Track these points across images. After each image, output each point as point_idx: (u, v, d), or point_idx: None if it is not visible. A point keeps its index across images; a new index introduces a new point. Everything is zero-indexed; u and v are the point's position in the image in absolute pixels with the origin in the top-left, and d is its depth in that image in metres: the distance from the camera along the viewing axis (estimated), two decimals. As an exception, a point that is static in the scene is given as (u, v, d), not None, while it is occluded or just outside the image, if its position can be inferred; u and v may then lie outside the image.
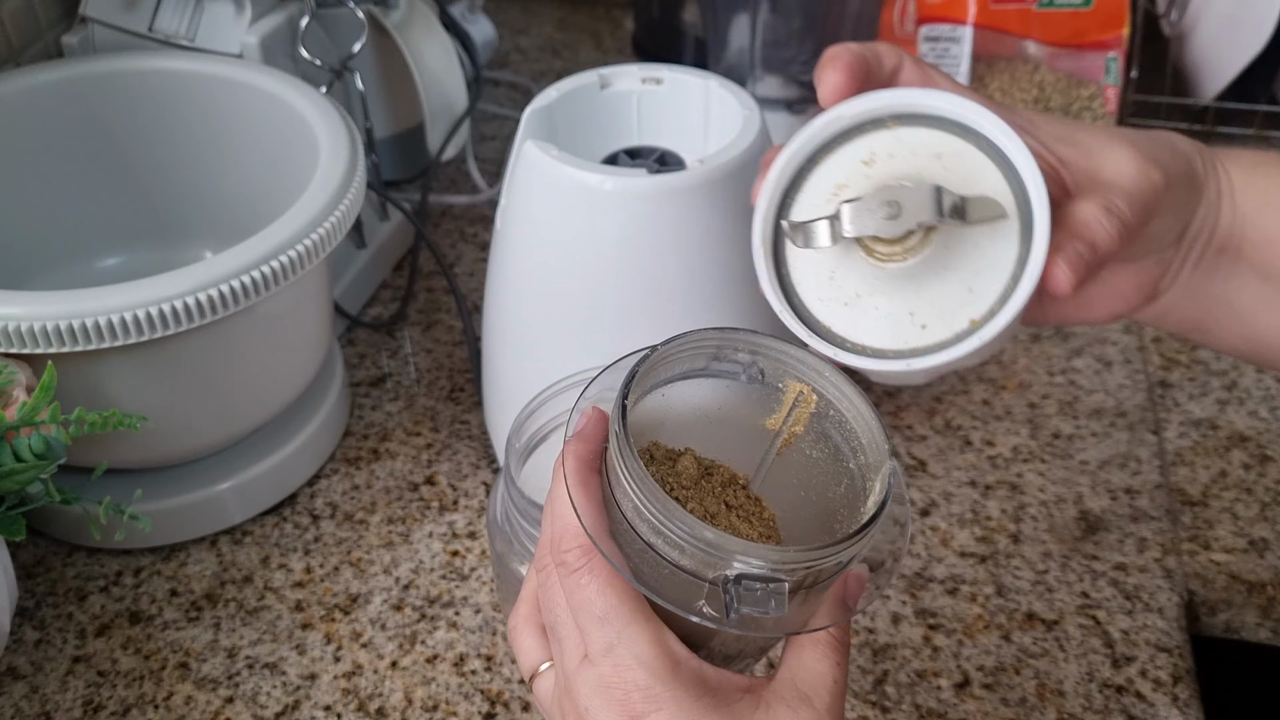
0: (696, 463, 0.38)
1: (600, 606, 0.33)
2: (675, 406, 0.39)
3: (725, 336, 0.38)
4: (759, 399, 0.38)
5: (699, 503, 0.37)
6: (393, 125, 0.83)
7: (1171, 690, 0.52)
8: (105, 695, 0.52)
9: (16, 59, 0.70)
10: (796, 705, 0.33)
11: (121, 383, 0.52)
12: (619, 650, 0.33)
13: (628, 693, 0.32)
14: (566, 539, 0.34)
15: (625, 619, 0.33)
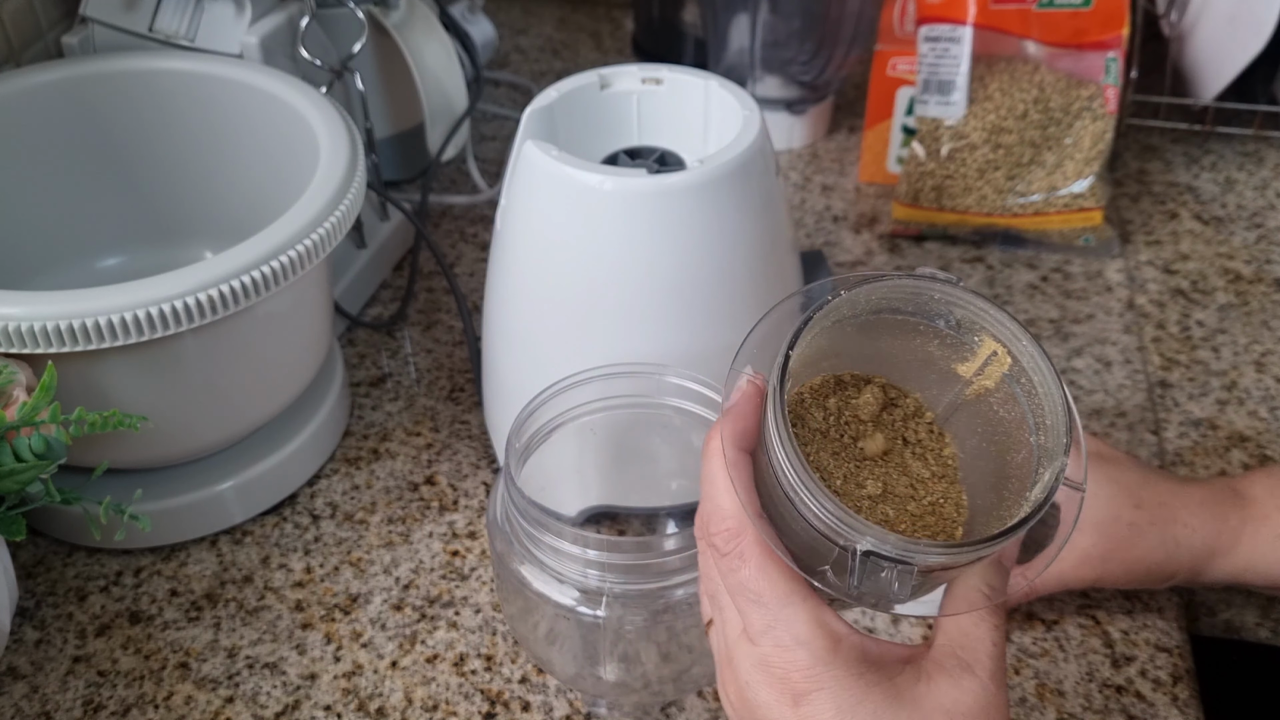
0: (882, 393, 0.38)
1: (755, 589, 0.33)
2: (853, 339, 0.37)
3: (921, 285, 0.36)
4: (950, 346, 0.37)
5: (871, 439, 0.37)
6: (393, 125, 0.83)
7: (1171, 690, 0.52)
8: (105, 695, 0.52)
9: (17, 59, 0.70)
10: (958, 675, 0.33)
11: (122, 383, 0.52)
12: (777, 631, 0.33)
13: (788, 673, 0.32)
14: (715, 521, 0.34)
15: (781, 600, 0.33)
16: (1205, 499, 0.51)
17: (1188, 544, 0.50)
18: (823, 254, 0.60)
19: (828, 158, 0.91)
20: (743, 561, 0.33)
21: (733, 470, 0.34)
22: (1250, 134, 0.89)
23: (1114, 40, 0.74)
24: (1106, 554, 0.50)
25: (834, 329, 0.37)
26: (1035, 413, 0.36)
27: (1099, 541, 0.50)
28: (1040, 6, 0.74)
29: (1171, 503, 0.51)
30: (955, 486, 0.37)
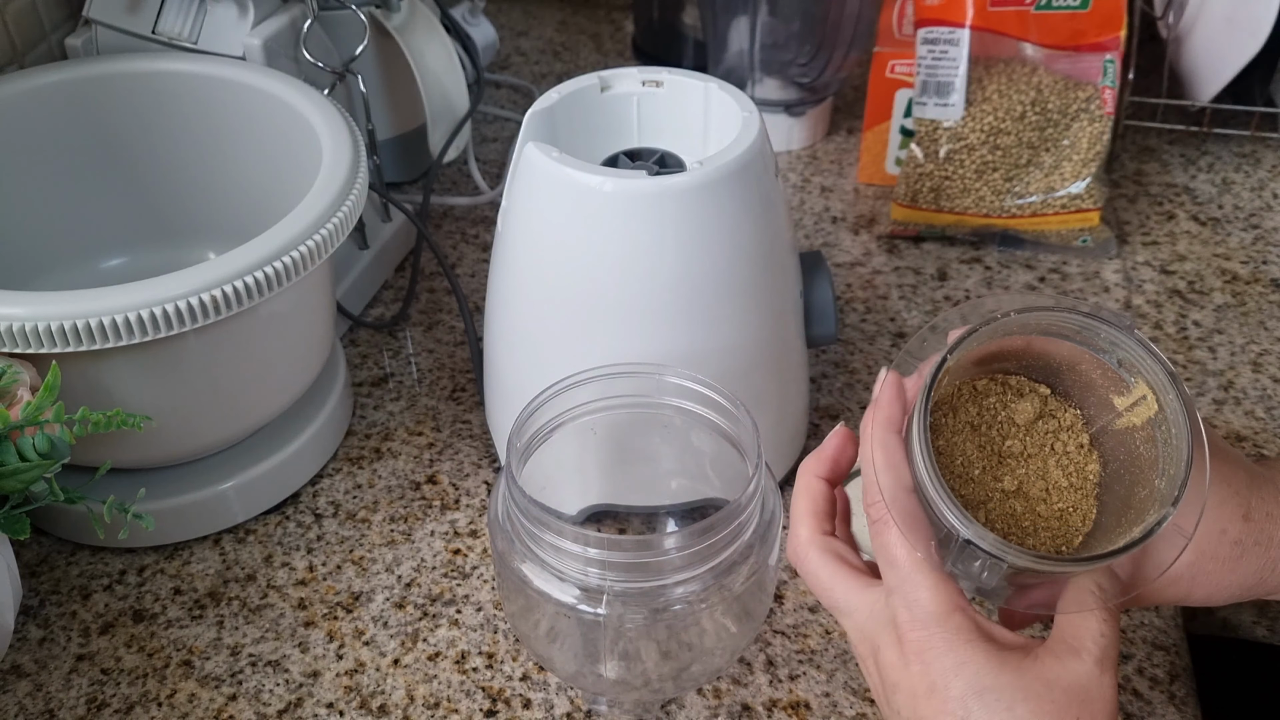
0: (1042, 403, 0.41)
1: (891, 553, 0.38)
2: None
3: (1091, 323, 0.39)
4: (1110, 378, 0.40)
5: (1017, 439, 0.41)
6: (395, 127, 0.83)
7: (1168, 688, 0.52)
8: (109, 693, 0.53)
9: (20, 61, 0.71)
10: (1064, 656, 0.36)
11: (125, 382, 0.52)
12: (901, 592, 0.38)
13: (903, 630, 0.37)
14: (870, 494, 0.39)
15: (910, 568, 0.38)
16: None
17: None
18: (821, 255, 0.60)
19: (826, 159, 0.91)
20: (885, 527, 0.38)
21: (879, 450, 0.39)
22: (1247, 135, 0.90)
23: (1111, 42, 0.75)
24: (1200, 574, 0.43)
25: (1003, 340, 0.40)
26: (1165, 459, 0.38)
27: (1196, 560, 0.42)
28: (1038, 9, 0.74)
29: (1276, 513, 0.43)
30: (1088, 501, 0.40)
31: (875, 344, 0.72)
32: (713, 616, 0.47)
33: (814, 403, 0.67)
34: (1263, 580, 0.43)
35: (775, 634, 0.54)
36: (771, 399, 0.58)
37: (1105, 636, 0.36)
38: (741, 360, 0.55)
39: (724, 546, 0.44)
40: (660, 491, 0.58)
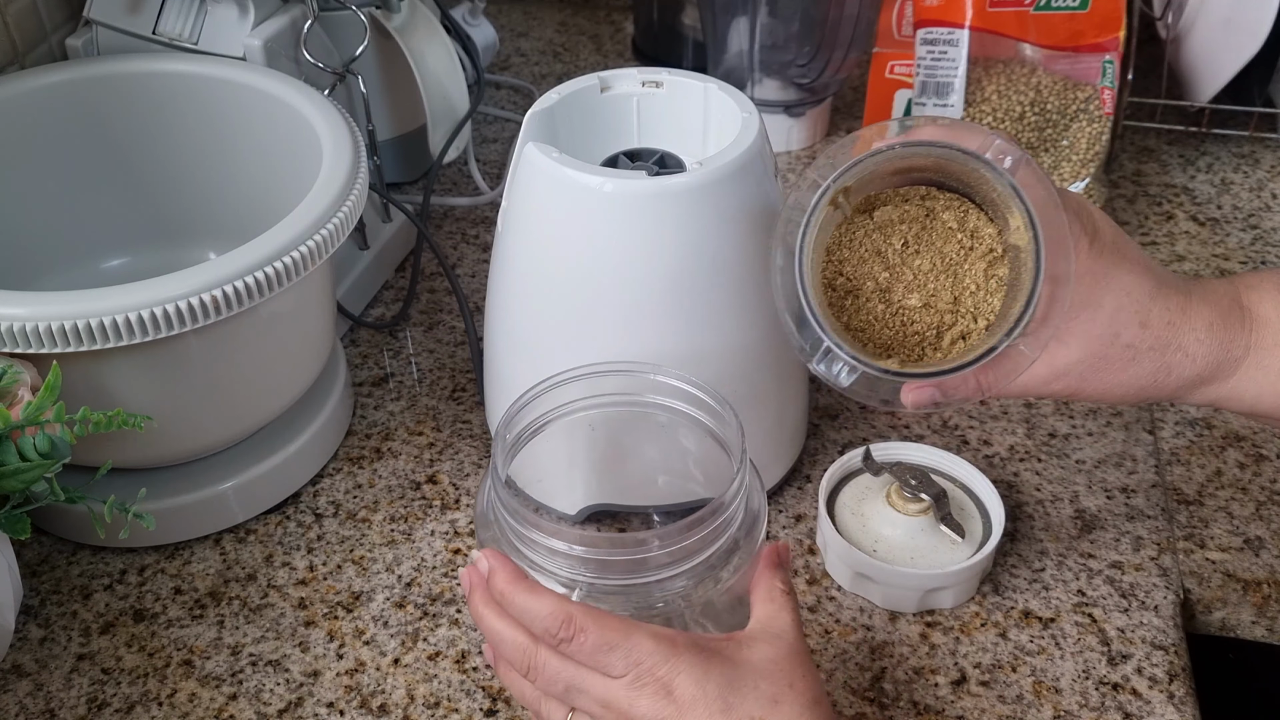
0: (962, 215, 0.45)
1: (604, 640, 0.40)
2: None
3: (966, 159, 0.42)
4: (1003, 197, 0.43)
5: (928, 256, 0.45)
6: (395, 127, 0.83)
7: (1167, 688, 0.52)
8: (109, 693, 0.53)
9: (21, 61, 0.71)
10: (773, 640, 0.42)
11: (126, 382, 0.52)
12: (634, 653, 0.40)
13: (654, 674, 0.40)
14: (545, 625, 0.41)
15: (624, 632, 0.40)
16: (1214, 321, 0.45)
17: (1180, 372, 0.46)
18: (821, 255, 0.60)
19: (826, 160, 0.91)
20: (583, 631, 0.41)
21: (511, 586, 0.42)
22: (1246, 135, 0.90)
23: (1110, 43, 0.75)
24: (1089, 373, 0.45)
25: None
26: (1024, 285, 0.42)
27: (1085, 359, 0.45)
28: (1037, 9, 0.74)
29: (1179, 323, 0.45)
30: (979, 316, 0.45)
31: (875, 344, 0.72)
32: (695, 616, 0.47)
33: (814, 403, 0.67)
34: (1156, 383, 0.46)
35: (775, 633, 0.55)
36: (771, 399, 0.58)
37: (797, 626, 0.43)
38: (741, 360, 0.55)
39: (707, 544, 0.44)
40: (651, 492, 0.58)
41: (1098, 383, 0.46)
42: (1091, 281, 0.44)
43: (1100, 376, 0.45)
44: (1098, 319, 0.44)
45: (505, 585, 0.42)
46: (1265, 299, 0.46)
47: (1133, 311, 0.45)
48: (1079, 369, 0.45)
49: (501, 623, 0.42)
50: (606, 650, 0.40)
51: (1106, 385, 0.46)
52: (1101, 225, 0.45)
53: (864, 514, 0.57)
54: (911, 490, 0.56)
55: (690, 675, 0.40)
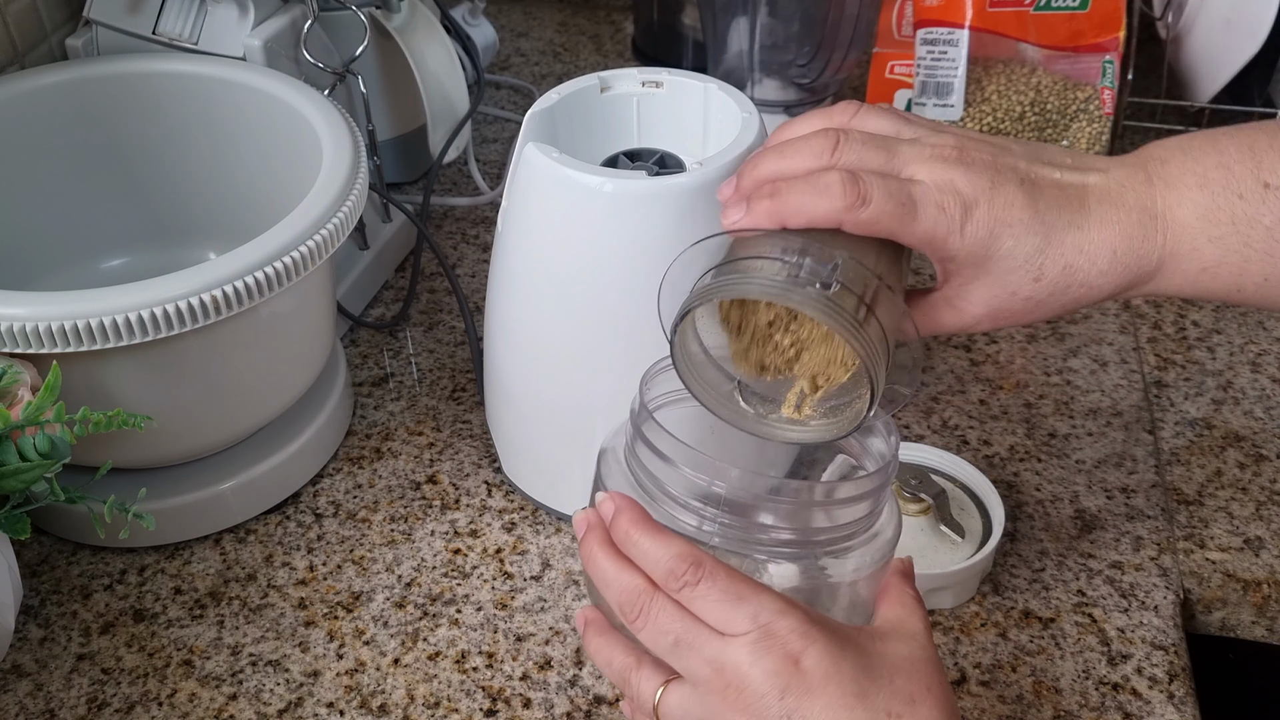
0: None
1: (734, 591, 0.38)
2: None
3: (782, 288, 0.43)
4: None
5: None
6: (395, 128, 0.83)
7: (1167, 688, 0.52)
8: (109, 693, 0.53)
9: (21, 61, 0.71)
10: (908, 640, 0.40)
11: (126, 382, 0.52)
12: (764, 612, 0.37)
13: (784, 639, 0.37)
14: (672, 564, 0.38)
15: (755, 589, 0.38)
16: (1119, 247, 0.44)
17: (1088, 299, 0.45)
18: (821, 255, 0.60)
19: (826, 160, 0.91)
20: (712, 578, 0.38)
21: (638, 527, 0.40)
22: (1246, 136, 0.89)
23: (1110, 43, 0.75)
24: (999, 319, 0.46)
25: None
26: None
27: (988, 315, 0.46)
28: (1037, 9, 0.75)
29: (1076, 265, 0.44)
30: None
31: (875, 344, 0.72)
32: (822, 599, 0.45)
33: (813, 403, 0.67)
34: (1066, 311, 0.46)
35: (775, 633, 0.55)
36: (771, 399, 0.58)
37: (929, 632, 0.41)
38: (741, 360, 0.55)
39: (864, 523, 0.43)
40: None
41: (1008, 322, 0.47)
42: (975, 262, 0.44)
43: (1009, 320, 0.46)
44: (991, 285, 0.45)
45: (631, 526, 0.39)
46: (1183, 198, 0.45)
47: (1024, 272, 0.44)
48: (987, 321, 0.46)
49: (617, 565, 0.39)
50: (735, 601, 0.37)
51: (1017, 323, 0.47)
52: (971, 194, 0.43)
53: None
54: (911, 490, 0.56)
55: (825, 650, 0.37)
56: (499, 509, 0.61)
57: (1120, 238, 0.44)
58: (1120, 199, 0.45)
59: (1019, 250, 0.44)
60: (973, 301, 0.46)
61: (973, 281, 0.45)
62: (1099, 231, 0.44)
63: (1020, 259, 0.44)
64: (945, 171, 0.43)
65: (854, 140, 0.44)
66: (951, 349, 0.72)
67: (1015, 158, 0.45)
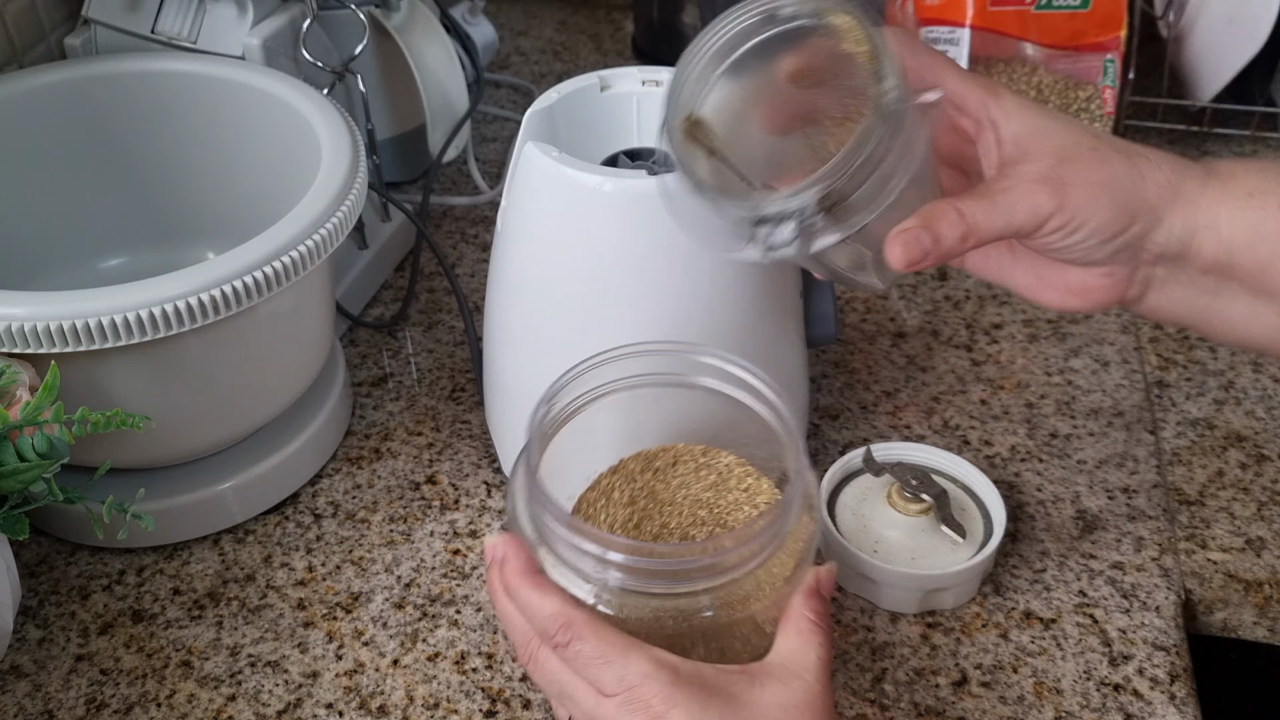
0: None
1: (600, 654, 0.39)
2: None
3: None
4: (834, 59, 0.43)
5: None
6: (394, 127, 0.83)
7: (1169, 689, 0.52)
8: (108, 693, 0.53)
9: (19, 60, 0.71)
10: (789, 680, 0.39)
11: (124, 382, 0.52)
12: (629, 674, 0.38)
13: (648, 703, 0.38)
14: (545, 625, 0.40)
15: (622, 651, 0.39)
16: (1162, 151, 0.45)
17: (1154, 176, 0.44)
18: (822, 255, 0.60)
19: (827, 159, 0.91)
20: (581, 639, 0.39)
21: (519, 579, 0.41)
22: (1247, 135, 0.90)
23: (1112, 42, 0.75)
24: (1065, 177, 0.43)
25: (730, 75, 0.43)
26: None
27: (1055, 165, 0.43)
28: (1038, 8, 0.74)
29: (1130, 146, 0.45)
30: None
31: (875, 344, 0.72)
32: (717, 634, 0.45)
33: (814, 403, 0.67)
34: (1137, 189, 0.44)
35: (775, 634, 0.54)
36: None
37: (822, 660, 0.40)
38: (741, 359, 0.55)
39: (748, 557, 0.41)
40: None
41: (1081, 189, 0.43)
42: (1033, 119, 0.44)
43: (1079, 179, 0.43)
44: (1050, 135, 0.44)
45: (513, 577, 0.41)
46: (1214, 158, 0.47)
47: (1080, 132, 0.44)
48: (1053, 174, 0.43)
49: (510, 609, 0.41)
50: (601, 664, 0.39)
51: (1089, 189, 0.43)
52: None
53: (865, 514, 0.57)
54: (912, 491, 0.56)
55: (686, 711, 0.37)
56: (499, 509, 0.61)
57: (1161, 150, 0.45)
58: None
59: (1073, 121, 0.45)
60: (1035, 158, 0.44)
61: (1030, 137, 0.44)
62: None
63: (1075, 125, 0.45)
64: None
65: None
66: (952, 349, 0.72)
67: None
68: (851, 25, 0.41)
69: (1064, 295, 0.47)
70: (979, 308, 0.75)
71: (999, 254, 0.49)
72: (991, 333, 0.73)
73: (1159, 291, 0.46)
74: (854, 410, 0.67)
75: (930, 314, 0.75)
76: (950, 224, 0.42)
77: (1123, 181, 0.43)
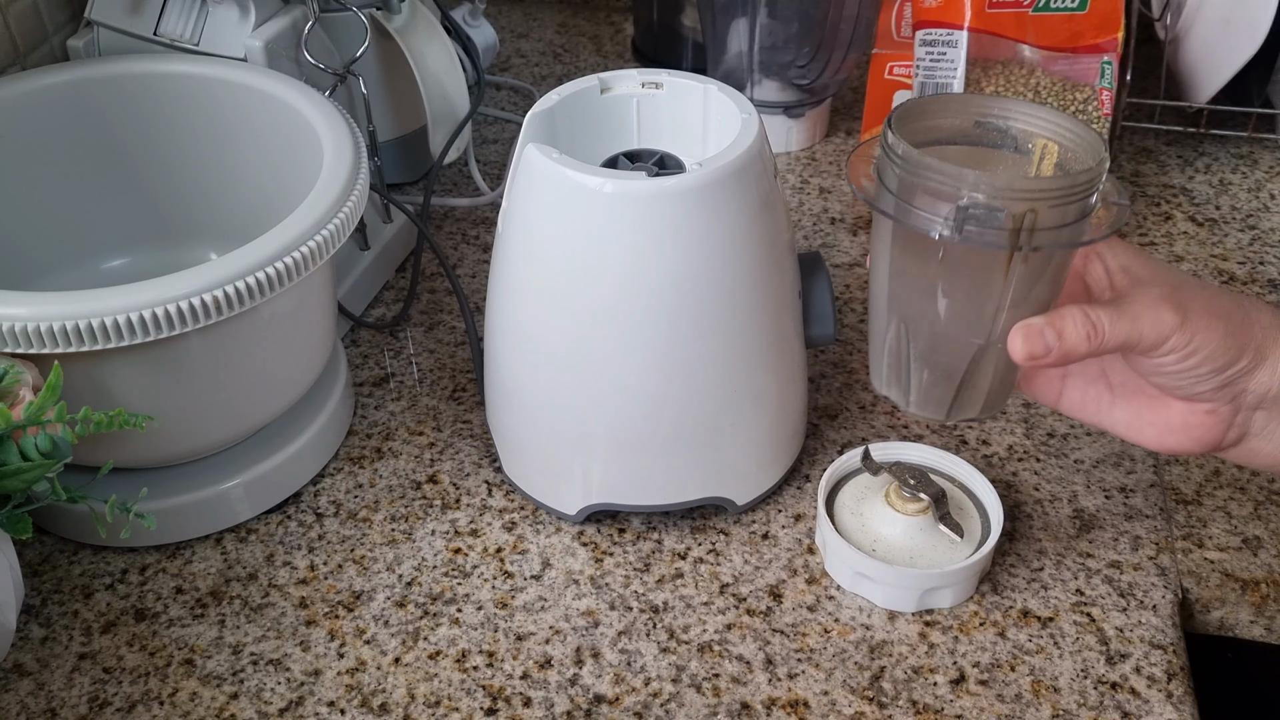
0: None
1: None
2: None
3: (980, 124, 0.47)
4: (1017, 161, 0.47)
5: None
6: (396, 128, 0.83)
7: (1165, 687, 0.52)
8: (111, 692, 0.53)
9: (22, 62, 0.71)
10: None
11: (127, 382, 0.52)
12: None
13: None
14: None
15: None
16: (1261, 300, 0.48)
17: (1259, 318, 0.45)
18: (820, 256, 0.60)
19: (825, 160, 0.91)
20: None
21: None
22: (1244, 136, 0.90)
23: (1109, 44, 0.75)
24: (1186, 301, 0.45)
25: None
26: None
27: (1175, 289, 0.45)
28: (1036, 10, 0.75)
29: (1228, 289, 0.48)
30: None
31: (874, 344, 0.72)
32: None
33: (813, 403, 0.67)
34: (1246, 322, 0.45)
35: (774, 632, 0.55)
36: (771, 399, 0.58)
37: None
38: (740, 360, 0.55)
39: None
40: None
41: (1199, 313, 0.44)
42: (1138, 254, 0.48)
43: (1197, 302, 0.44)
44: (1160, 266, 0.47)
45: None
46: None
47: (1180, 270, 0.47)
48: (1177, 296, 0.44)
49: None
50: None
51: (1207, 318, 0.44)
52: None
53: (863, 513, 0.58)
54: (910, 490, 0.56)
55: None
56: (499, 509, 0.62)
57: None
58: None
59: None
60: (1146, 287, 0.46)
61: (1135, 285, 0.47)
62: None
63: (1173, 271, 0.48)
64: None
65: None
66: (950, 349, 0.72)
67: None
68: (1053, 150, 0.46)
69: (1163, 434, 0.47)
70: (977, 308, 0.75)
71: (1098, 392, 0.50)
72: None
73: (1258, 437, 0.47)
74: (852, 410, 0.68)
75: (929, 315, 0.75)
76: (1076, 324, 0.43)
77: (1234, 315, 0.45)
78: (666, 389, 0.54)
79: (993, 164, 0.48)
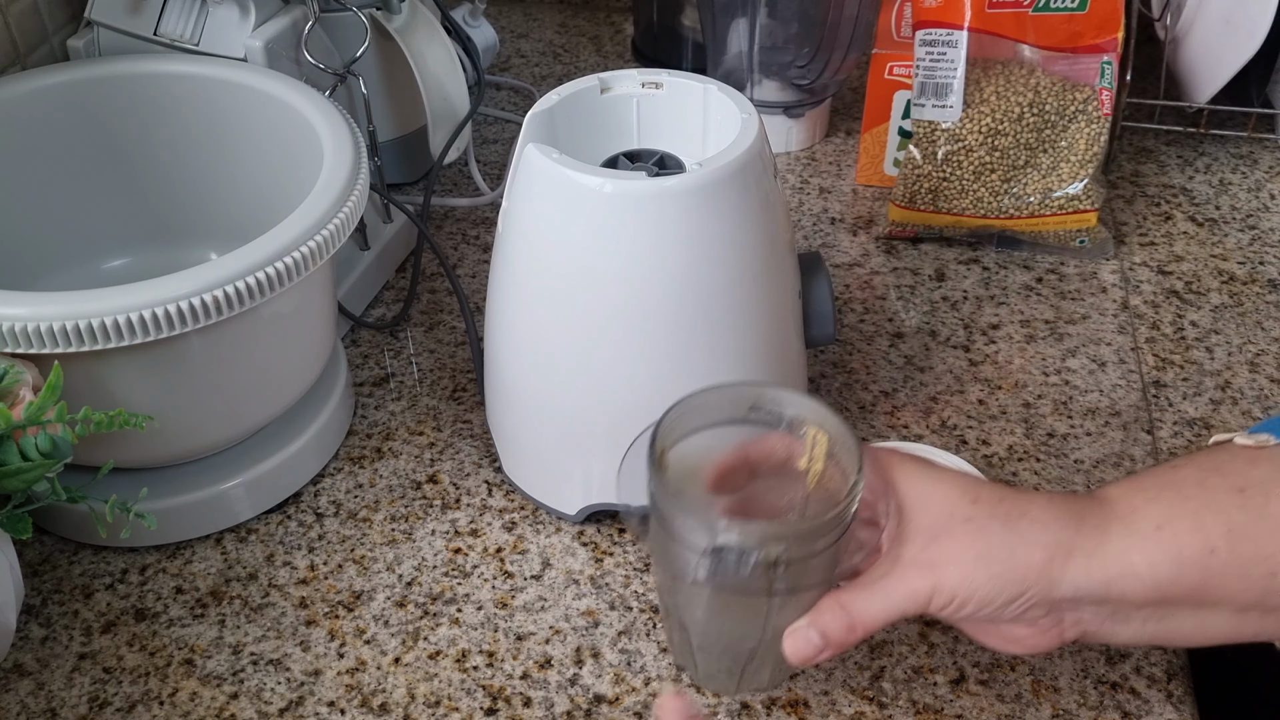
0: None
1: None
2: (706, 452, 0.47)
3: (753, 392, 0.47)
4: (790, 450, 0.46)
5: None
6: (396, 128, 0.83)
7: (1165, 687, 0.52)
8: (111, 692, 0.53)
9: (22, 62, 0.71)
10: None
11: (127, 382, 0.52)
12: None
13: None
14: None
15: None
16: (1053, 499, 0.45)
17: (1037, 539, 0.43)
18: (820, 255, 0.60)
19: (825, 160, 0.91)
20: None
21: None
22: (1244, 136, 0.90)
23: (1109, 44, 0.75)
24: (935, 559, 0.43)
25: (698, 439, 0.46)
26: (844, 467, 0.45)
27: (926, 545, 0.43)
28: (1036, 10, 0.75)
29: (1012, 498, 0.44)
30: None
31: (873, 344, 0.73)
32: None
33: (813, 403, 0.67)
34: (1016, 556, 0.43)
35: (774, 633, 0.55)
36: (770, 399, 0.58)
37: None
38: (740, 359, 0.55)
39: None
40: None
41: (954, 569, 0.43)
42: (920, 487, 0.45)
43: (954, 558, 0.43)
44: (930, 504, 0.44)
45: None
46: (1108, 487, 0.45)
47: (959, 494, 0.44)
48: (926, 556, 0.43)
49: None
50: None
51: (964, 569, 0.43)
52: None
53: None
54: None
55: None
56: (499, 508, 0.62)
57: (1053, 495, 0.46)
58: None
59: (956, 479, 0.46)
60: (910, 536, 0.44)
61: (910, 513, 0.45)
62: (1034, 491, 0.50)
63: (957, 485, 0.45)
64: None
65: None
66: (950, 349, 0.72)
67: None
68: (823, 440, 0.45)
69: (1006, 643, 0.46)
70: (976, 308, 0.75)
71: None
72: (989, 333, 0.73)
73: (1101, 626, 0.45)
74: (852, 410, 0.68)
75: (928, 314, 0.75)
76: (836, 620, 0.44)
77: (998, 553, 0.43)
78: (667, 389, 0.54)
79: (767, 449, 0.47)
